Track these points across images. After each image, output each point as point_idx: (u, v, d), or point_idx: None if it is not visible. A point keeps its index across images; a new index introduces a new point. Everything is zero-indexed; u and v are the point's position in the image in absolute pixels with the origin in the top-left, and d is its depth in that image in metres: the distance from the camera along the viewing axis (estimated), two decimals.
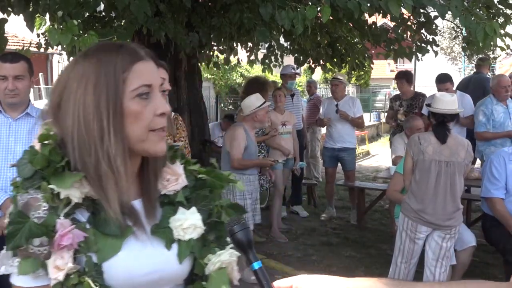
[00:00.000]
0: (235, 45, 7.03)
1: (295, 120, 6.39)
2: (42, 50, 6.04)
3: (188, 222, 1.16)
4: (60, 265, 1.01)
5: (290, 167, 6.25)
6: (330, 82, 7.11)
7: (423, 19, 5.65)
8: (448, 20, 7.07)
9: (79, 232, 1.04)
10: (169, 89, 1.34)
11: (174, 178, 1.20)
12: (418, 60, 6.37)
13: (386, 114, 9.68)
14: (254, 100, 4.69)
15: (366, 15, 5.62)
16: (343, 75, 7.10)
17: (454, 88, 6.35)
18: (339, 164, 6.86)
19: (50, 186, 1.04)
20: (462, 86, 7.39)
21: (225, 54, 7.13)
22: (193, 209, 1.19)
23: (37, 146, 1.09)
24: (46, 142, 1.09)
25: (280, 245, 5.23)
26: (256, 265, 0.99)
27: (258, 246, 5.32)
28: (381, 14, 5.08)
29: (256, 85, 5.67)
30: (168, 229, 1.16)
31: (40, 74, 18.31)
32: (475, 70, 7.87)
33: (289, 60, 7.94)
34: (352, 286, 1.01)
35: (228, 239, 1.21)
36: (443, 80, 5.88)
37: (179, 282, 1.21)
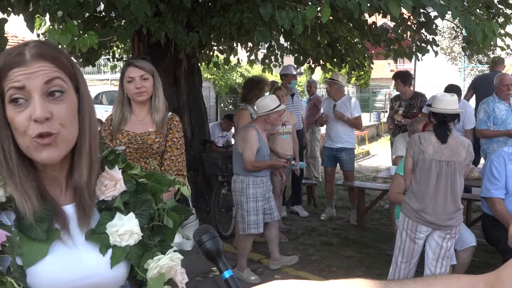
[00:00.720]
0: (235, 45, 7.04)
1: (295, 120, 6.39)
2: None
3: (124, 228, 1.14)
4: None
5: (289, 167, 6.25)
6: (327, 82, 7.12)
7: (423, 19, 5.65)
8: (448, 20, 7.07)
9: (2, 231, 1.01)
10: (59, 91, 1.22)
11: (113, 184, 1.18)
12: (418, 60, 6.36)
13: (386, 114, 9.68)
14: (269, 102, 4.69)
15: (366, 15, 5.62)
16: (343, 76, 7.08)
17: (464, 92, 6.37)
18: (339, 164, 6.87)
19: None
20: (477, 84, 7.41)
21: (225, 54, 7.13)
22: (131, 214, 1.17)
23: None
24: None
25: (280, 245, 5.22)
26: (227, 273, 0.98)
27: (259, 247, 5.32)
28: (381, 14, 5.08)
29: (251, 84, 5.67)
30: (104, 235, 1.14)
31: None
32: (479, 69, 7.88)
33: (289, 60, 7.94)
34: None
35: (174, 243, 1.22)
36: (450, 91, 5.85)
37: None
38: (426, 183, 3.66)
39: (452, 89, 5.94)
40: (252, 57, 7.38)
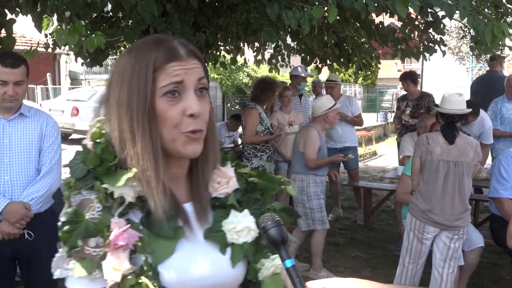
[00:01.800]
0: (241, 45, 7.04)
1: (302, 120, 6.38)
2: (49, 50, 6.07)
3: (242, 225, 1.13)
4: (116, 265, 0.98)
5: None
6: (325, 85, 7.11)
7: (430, 19, 5.62)
8: (456, 20, 7.03)
9: (134, 232, 1.01)
10: (205, 88, 1.24)
11: (225, 181, 1.18)
12: (426, 60, 6.34)
13: (393, 114, 9.65)
14: (325, 102, 4.83)
15: (373, 14, 5.60)
16: (337, 76, 7.10)
17: (470, 88, 6.32)
18: (342, 164, 6.85)
19: (104, 185, 1.02)
20: (476, 85, 7.37)
21: (231, 54, 7.13)
22: (246, 211, 1.16)
23: (89, 145, 1.07)
24: (98, 140, 1.07)
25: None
26: (289, 262, 0.98)
27: None
28: (388, 14, 5.06)
29: (264, 84, 5.68)
30: (222, 233, 1.14)
31: (48, 74, 18.42)
32: (487, 69, 7.86)
33: (296, 60, 7.94)
34: None
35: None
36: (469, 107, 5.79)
37: None
38: (434, 183, 3.64)
39: (470, 105, 5.86)
40: (259, 57, 7.38)
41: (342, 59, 7.26)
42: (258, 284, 1.16)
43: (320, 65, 7.68)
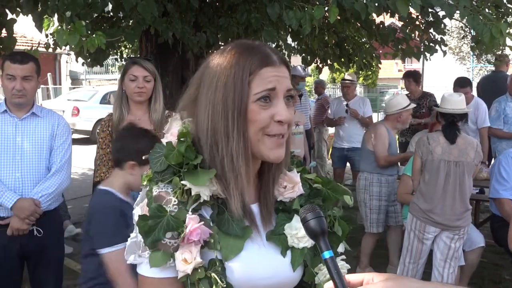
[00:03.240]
0: None
1: (305, 120, 6.39)
2: (50, 50, 6.07)
3: (303, 232, 1.14)
4: (188, 258, 1.04)
5: None
6: (341, 83, 7.09)
7: (431, 19, 5.62)
8: (457, 20, 7.03)
9: (206, 228, 1.06)
10: (294, 96, 1.20)
11: (291, 186, 1.21)
12: (426, 59, 6.34)
13: None
14: (400, 100, 4.73)
15: (374, 14, 5.60)
16: (353, 75, 7.09)
17: (476, 89, 6.34)
18: (348, 164, 6.85)
19: (183, 182, 1.08)
20: (482, 85, 7.37)
21: None
22: None
23: (174, 141, 1.12)
24: (182, 139, 1.12)
25: None
26: (327, 254, 0.98)
27: None
28: (389, 14, 5.06)
29: None
30: (283, 236, 1.17)
31: (49, 74, 18.43)
32: (488, 69, 7.87)
33: (296, 60, 7.94)
34: None
35: (339, 249, 1.25)
36: (463, 85, 5.80)
37: None
38: (435, 183, 3.64)
39: (464, 81, 5.90)
40: None
41: (342, 59, 7.26)
42: (313, 286, 1.20)
43: (320, 65, 7.68)
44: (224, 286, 1.05)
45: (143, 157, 1.17)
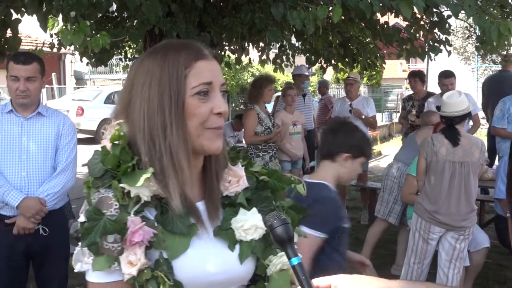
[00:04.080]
0: (246, 45, 7.03)
1: (304, 120, 6.37)
2: (55, 50, 6.08)
3: (249, 223, 1.17)
4: (133, 260, 1.04)
5: (299, 167, 6.23)
6: (344, 81, 7.08)
7: (436, 19, 5.60)
8: (462, 20, 7.00)
9: (148, 229, 1.06)
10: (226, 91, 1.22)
11: (236, 180, 1.22)
12: (431, 60, 6.31)
13: (398, 114, 9.63)
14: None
15: (378, 14, 5.59)
16: (357, 74, 7.07)
17: (481, 89, 6.32)
18: None
19: (121, 184, 1.08)
20: (487, 85, 7.34)
21: (236, 54, 7.12)
22: (254, 209, 1.20)
23: (108, 146, 1.12)
24: (116, 142, 1.11)
25: None
26: (295, 260, 0.99)
27: None
28: (393, 14, 5.04)
29: (255, 82, 5.60)
30: (231, 231, 1.18)
31: (53, 74, 18.48)
32: (493, 69, 7.86)
33: (300, 60, 7.93)
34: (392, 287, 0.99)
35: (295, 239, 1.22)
36: (448, 75, 5.92)
37: (244, 283, 1.21)
38: (440, 184, 3.63)
39: (449, 72, 5.99)
40: (264, 57, 7.37)
41: (347, 59, 7.24)
42: (267, 279, 1.20)
43: (325, 65, 7.67)
44: (172, 284, 1.05)
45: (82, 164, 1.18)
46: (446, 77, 5.94)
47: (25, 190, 2.84)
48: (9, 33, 4.56)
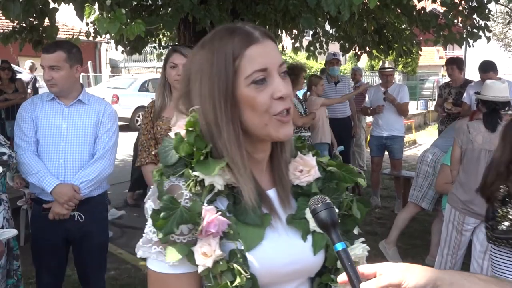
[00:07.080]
0: (279, 32, 7.00)
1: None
2: (90, 38, 6.19)
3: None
4: (207, 251, 1.01)
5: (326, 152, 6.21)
6: (381, 72, 6.95)
7: (475, 4, 5.46)
8: (502, 4, 6.79)
9: (223, 219, 1.03)
10: (286, 71, 1.14)
11: (307, 170, 1.19)
12: (469, 46, 6.16)
13: (434, 102, 9.44)
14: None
15: (415, 0, 5.47)
16: (391, 62, 6.99)
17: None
18: (387, 153, 6.77)
19: (195, 173, 1.05)
20: None
21: None
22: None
23: (183, 133, 1.09)
24: (191, 129, 1.09)
25: None
26: (340, 246, 0.96)
27: None
28: None
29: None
30: (304, 221, 1.14)
31: (89, 62, 18.81)
32: None
33: (334, 47, 7.85)
34: (442, 277, 0.96)
35: (356, 231, 1.22)
36: (485, 69, 5.62)
37: (312, 275, 1.19)
38: (475, 173, 3.55)
39: (486, 66, 5.66)
40: (297, 44, 7.33)
41: (381, 46, 7.13)
42: (333, 270, 1.17)
43: (359, 52, 7.57)
44: (248, 277, 1.02)
45: (153, 153, 1.16)
46: (483, 72, 5.56)
47: (62, 177, 2.88)
48: (46, 22, 4.65)
